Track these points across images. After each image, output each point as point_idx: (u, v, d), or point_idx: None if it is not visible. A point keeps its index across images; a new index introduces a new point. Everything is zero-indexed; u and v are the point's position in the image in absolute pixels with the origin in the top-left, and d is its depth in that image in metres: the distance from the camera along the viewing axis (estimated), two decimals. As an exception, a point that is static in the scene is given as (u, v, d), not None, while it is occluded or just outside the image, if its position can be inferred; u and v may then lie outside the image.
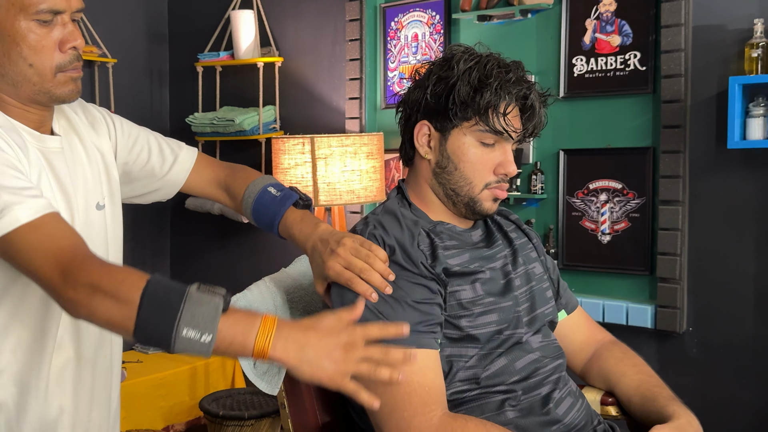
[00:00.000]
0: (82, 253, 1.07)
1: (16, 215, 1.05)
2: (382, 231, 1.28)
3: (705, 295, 2.38)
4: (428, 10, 2.90)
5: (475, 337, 1.26)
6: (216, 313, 0.99)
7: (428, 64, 1.41)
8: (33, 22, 1.15)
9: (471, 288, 1.28)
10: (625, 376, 1.45)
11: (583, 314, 1.58)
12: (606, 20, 2.52)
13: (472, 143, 1.32)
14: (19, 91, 1.20)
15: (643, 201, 2.47)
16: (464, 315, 1.26)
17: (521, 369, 1.30)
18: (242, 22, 3.17)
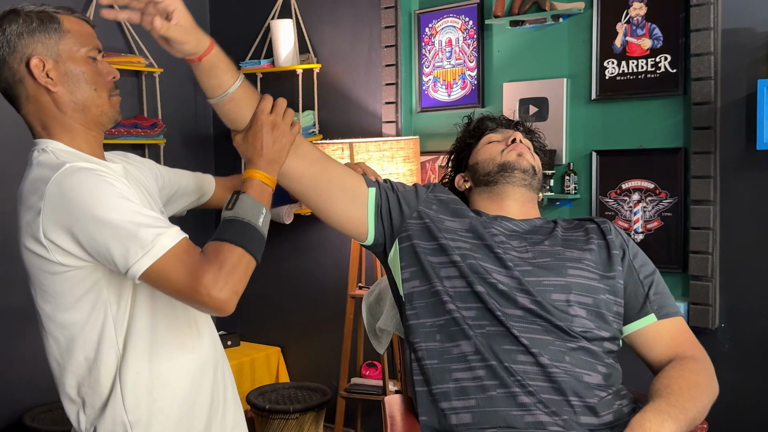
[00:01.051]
0: (203, 258, 1.28)
1: (163, 243, 1.25)
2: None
3: (736, 291, 2.43)
4: (461, 15, 2.98)
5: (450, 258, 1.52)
6: (259, 210, 1.35)
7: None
8: (88, 59, 1.40)
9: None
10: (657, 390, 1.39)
11: (676, 326, 1.54)
12: (636, 24, 2.58)
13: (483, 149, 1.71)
14: (87, 116, 1.40)
15: (675, 200, 2.53)
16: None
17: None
18: (282, 31, 3.28)
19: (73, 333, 1.37)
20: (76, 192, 1.26)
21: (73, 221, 1.26)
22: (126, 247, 1.24)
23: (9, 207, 2.92)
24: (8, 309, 2.97)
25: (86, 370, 1.37)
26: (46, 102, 1.38)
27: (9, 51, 1.36)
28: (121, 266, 1.25)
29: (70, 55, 1.38)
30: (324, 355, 3.42)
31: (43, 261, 1.31)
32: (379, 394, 2.95)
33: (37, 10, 1.38)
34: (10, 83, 1.38)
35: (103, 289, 1.34)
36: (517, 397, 1.38)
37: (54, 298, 1.35)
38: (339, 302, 3.19)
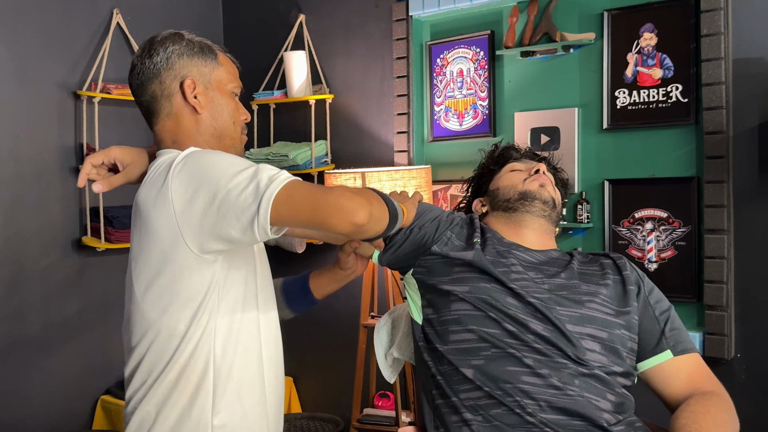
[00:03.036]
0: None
1: (285, 175, 1.27)
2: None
3: (752, 321, 2.41)
4: (473, 46, 3.00)
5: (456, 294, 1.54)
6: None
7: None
8: (232, 94, 1.50)
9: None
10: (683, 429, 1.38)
11: (693, 362, 1.54)
12: (647, 54, 2.59)
13: (505, 176, 1.76)
14: (220, 144, 1.48)
15: (689, 229, 2.52)
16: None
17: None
18: (295, 62, 3.32)
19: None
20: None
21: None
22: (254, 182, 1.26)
23: (22, 241, 2.96)
24: (22, 339, 2.99)
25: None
26: (187, 121, 1.45)
27: (166, 67, 1.43)
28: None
29: (220, 86, 1.47)
30: (336, 385, 3.40)
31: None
32: (391, 424, 2.93)
33: (198, 39, 1.49)
34: (157, 96, 1.45)
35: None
36: (524, 417, 1.38)
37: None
38: (351, 332, 3.18)
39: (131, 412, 1.39)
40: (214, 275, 1.33)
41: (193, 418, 1.34)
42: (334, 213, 1.23)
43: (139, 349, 1.37)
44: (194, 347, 1.34)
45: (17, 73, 2.97)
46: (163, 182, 1.31)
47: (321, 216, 1.24)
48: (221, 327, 1.35)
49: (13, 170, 2.96)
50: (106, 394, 3.25)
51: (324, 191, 1.25)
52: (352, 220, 1.23)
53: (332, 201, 1.23)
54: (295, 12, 3.50)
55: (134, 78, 1.48)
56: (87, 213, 3.18)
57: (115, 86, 3.20)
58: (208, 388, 1.35)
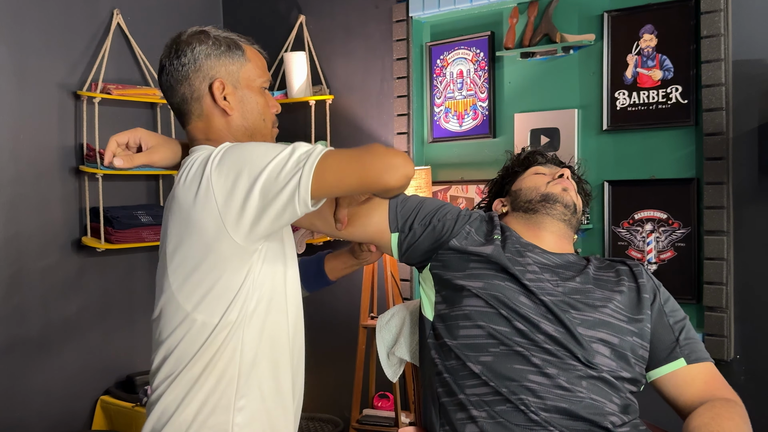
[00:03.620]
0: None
1: (321, 147, 1.28)
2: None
3: (752, 322, 2.41)
4: (473, 47, 3.01)
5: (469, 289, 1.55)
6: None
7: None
8: (261, 89, 1.49)
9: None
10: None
11: (708, 371, 1.54)
12: (647, 55, 2.60)
13: (528, 178, 1.76)
14: (252, 140, 1.48)
15: (689, 231, 2.52)
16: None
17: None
18: (295, 63, 3.33)
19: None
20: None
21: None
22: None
23: (22, 241, 2.96)
24: (21, 339, 2.99)
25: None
26: (218, 122, 1.45)
27: (194, 69, 1.43)
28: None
29: (248, 83, 1.46)
30: (336, 386, 3.40)
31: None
32: (391, 425, 2.93)
33: (224, 35, 1.47)
34: (187, 99, 1.45)
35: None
36: (528, 414, 1.38)
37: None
38: (351, 332, 3.19)
39: (156, 400, 1.40)
40: (251, 267, 1.35)
41: (217, 402, 1.37)
42: (386, 170, 1.26)
43: (171, 340, 1.38)
44: (225, 338, 1.36)
45: (17, 73, 2.97)
46: (201, 178, 1.32)
47: (374, 175, 1.26)
48: (253, 319, 1.38)
49: (13, 170, 2.96)
50: (106, 394, 3.25)
51: (364, 153, 1.28)
52: (405, 173, 1.28)
53: (380, 160, 1.27)
54: (295, 13, 3.50)
55: (164, 80, 1.48)
56: (87, 213, 3.18)
57: (116, 86, 3.20)
58: (234, 375, 1.37)
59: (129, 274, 3.35)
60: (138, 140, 1.52)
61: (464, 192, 3.03)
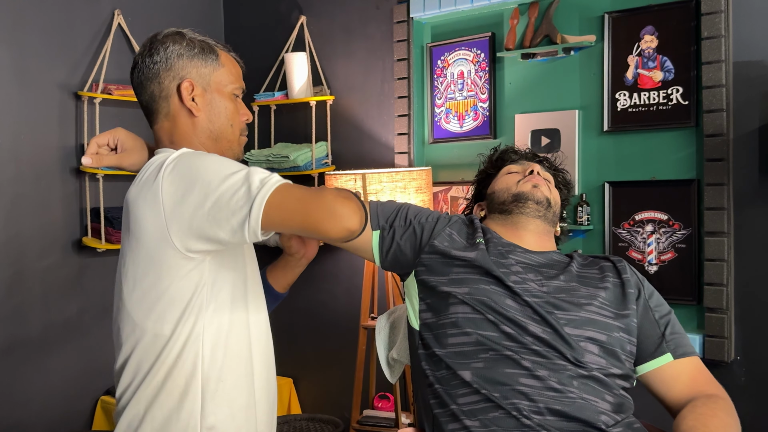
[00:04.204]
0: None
1: (276, 178, 1.27)
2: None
3: (752, 324, 2.41)
4: (473, 48, 3.01)
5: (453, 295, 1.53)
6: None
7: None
8: (232, 96, 1.49)
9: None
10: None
11: (694, 365, 1.54)
12: (648, 56, 2.60)
13: (501, 179, 1.75)
14: (216, 146, 1.48)
15: (689, 232, 2.52)
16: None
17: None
18: (295, 64, 3.33)
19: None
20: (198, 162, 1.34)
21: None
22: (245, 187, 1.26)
23: (23, 241, 2.96)
24: (22, 340, 2.99)
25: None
26: (184, 123, 1.45)
27: (165, 67, 1.43)
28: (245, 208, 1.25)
29: (218, 88, 1.47)
30: (336, 387, 3.41)
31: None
32: (391, 426, 2.93)
33: (200, 38, 1.48)
34: (156, 97, 1.45)
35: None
36: (520, 419, 1.38)
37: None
38: (351, 333, 3.19)
39: (120, 412, 1.39)
40: (202, 276, 1.33)
41: (182, 420, 1.34)
42: (327, 218, 1.23)
43: (126, 347, 1.37)
44: (181, 349, 1.33)
45: (18, 74, 2.97)
46: (153, 181, 1.32)
47: (314, 221, 1.24)
48: (209, 329, 1.35)
49: (13, 170, 2.96)
50: (106, 394, 3.25)
51: (316, 196, 1.25)
52: (346, 225, 1.24)
53: (326, 206, 1.24)
54: (296, 13, 3.50)
55: (135, 76, 1.48)
56: (87, 213, 3.18)
57: (116, 87, 3.21)
58: (197, 390, 1.34)
59: (129, 275, 3.34)
60: (116, 141, 1.52)
61: (465, 193, 3.03)
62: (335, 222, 1.23)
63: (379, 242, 1.64)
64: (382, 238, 1.63)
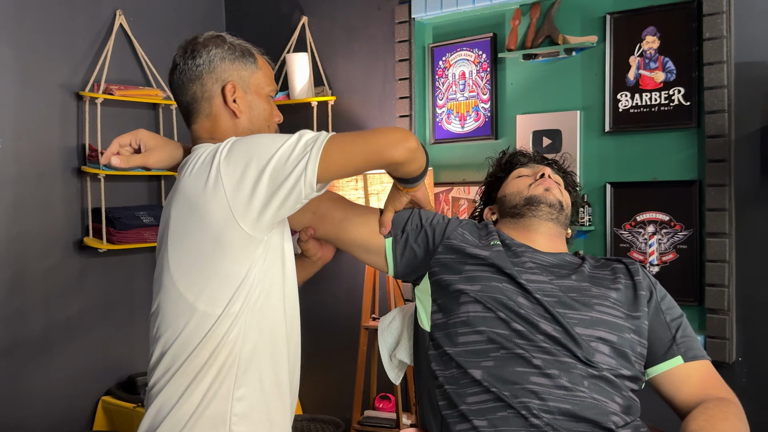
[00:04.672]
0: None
1: (326, 134, 1.36)
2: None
3: (754, 325, 2.41)
4: (475, 49, 3.01)
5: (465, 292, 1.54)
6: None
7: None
8: (268, 97, 1.55)
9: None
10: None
11: (704, 369, 1.53)
12: (649, 57, 2.60)
13: (511, 182, 1.75)
14: None
15: (691, 233, 2.52)
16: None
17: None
18: (297, 64, 3.33)
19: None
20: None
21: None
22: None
23: (24, 242, 2.96)
24: (23, 340, 2.99)
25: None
26: (225, 124, 1.49)
27: (208, 70, 1.48)
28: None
29: (257, 90, 1.52)
30: (337, 387, 3.40)
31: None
32: (392, 427, 2.93)
33: (239, 42, 1.53)
34: (197, 98, 1.49)
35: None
36: (528, 419, 1.38)
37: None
38: (352, 334, 3.19)
39: (156, 394, 1.41)
40: (255, 259, 1.38)
41: (219, 394, 1.38)
42: (389, 144, 1.36)
43: (170, 332, 1.40)
44: (227, 328, 1.37)
45: (20, 74, 2.98)
46: (210, 168, 1.36)
47: (377, 149, 1.36)
48: (254, 310, 1.40)
49: (15, 171, 2.96)
50: (107, 394, 3.25)
51: (367, 132, 1.39)
52: (407, 145, 1.37)
53: (383, 135, 1.37)
54: (297, 14, 3.50)
55: (176, 77, 1.51)
56: (89, 214, 3.18)
57: (118, 87, 3.21)
58: (233, 364, 1.39)
59: (130, 275, 3.35)
60: (138, 141, 1.55)
61: (466, 193, 3.03)
62: (397, 144, 1.36)
63: (392, 248, 1.64)
64: (395, 243, 1.64)
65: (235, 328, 1.38)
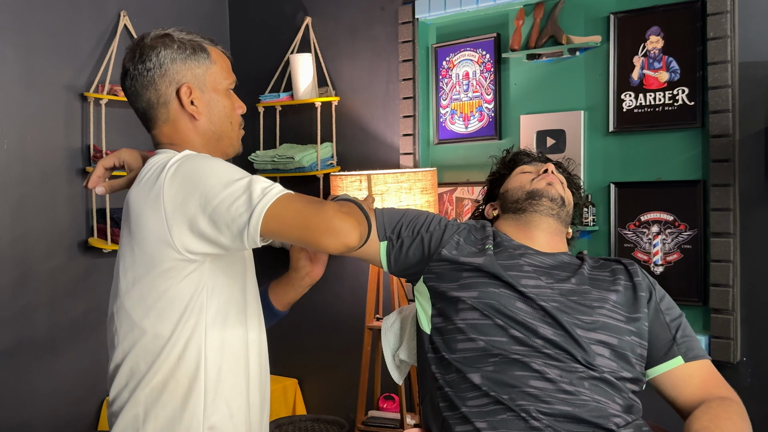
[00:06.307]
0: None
1: (278, 189, 1.28)
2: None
3: (758, 325, 2.40)
4: (478, 49, 3.01)
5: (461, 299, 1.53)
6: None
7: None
8: (228, 91, 1.48)
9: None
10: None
11: (705, 368, 1.54)
12: (653, 57, 2.59)
13: (514, 178, 1.76)
14: (218, 146, 1.48)
15: (695, 233, 2.51)
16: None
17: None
18: (301, 65, 3.33)
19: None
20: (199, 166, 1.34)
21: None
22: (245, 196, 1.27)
23: (29, 242, 2.97)
24: (28, 340, 3.00)
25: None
26: (185, 127, 1.44)
27: (160, 74, 1.41)
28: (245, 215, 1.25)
29: (214, 86, 1.45)
30: (341, 388, 3.41)
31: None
32: (396, 427, 2.93)
33: (189, 38, 1.44)
34: (153, 104, 1.44)
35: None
36: (528, 421, 1.38)
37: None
38: (356, 334, 3.19)
39: (117, 412, 1.38)
40: (202, 278, 1.34)
41: (185, 420, 1.34)
42: (326, 234, 1.24)
43: (123, 347, 1.37)
44: (182, 349, 1.34)
45: (24, 75, 2.99)
46: (155, 182, 1.31)
47: (313, 235, 1.25)
48: (211, 330, 1.36)
49: (20, 172, 2.97)
50: (112, 395, 3.25)
51: (316, 210, 1.25)
52: (345, 242, 1.25)
53: (325, 222, 1.24)
54: (301, 15, 3.51)
55: (128, 84, 1.45)
56: (93, 214, 3.19)
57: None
58: (200, 390, 1.35)
59: (135, 275, 3.35)
60: (121, 162, 1.51)
61: (470, 194, 3.03)
62: (333, 238, 1.24)
63: (386, 252, 1.65)
64: (390, 248, 1.64)
65: (193, 351, 1.34)
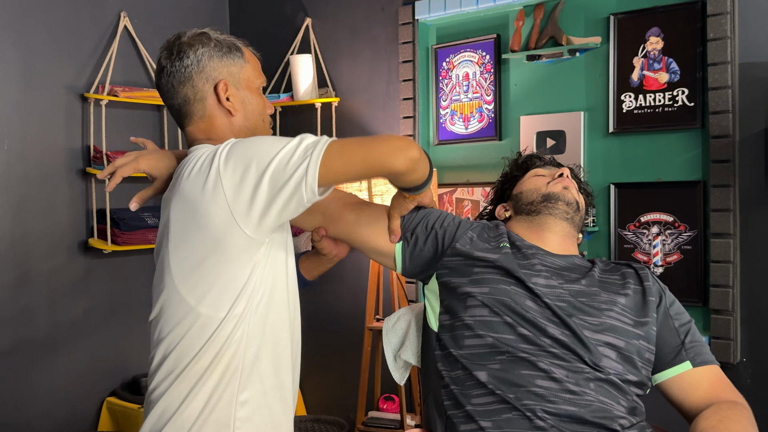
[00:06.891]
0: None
1: (328, 137, 1.34)
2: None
3: (759, 326, 2.40)
4: (478, 50, 3.01)
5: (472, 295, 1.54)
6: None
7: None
8: (259, 90, 1.53)
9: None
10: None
11: (714, 374, 1.54)
12: (653, 58, 2.59)
13: (528, 180, 1.75)
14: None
15: (695, 233, 2.52)
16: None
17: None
18: (301, 66, 3.33)
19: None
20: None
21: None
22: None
23: (29, 243, 2.97)
24: (28, 340, 3.00)
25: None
26: (221, 122, 1.47)
27: (197, 70, 1.44)
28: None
29: (248, 84, 1.50)
30: (341, 388, 3.41)
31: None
32: (396, 427, 2.93)
33: (224, 37, 1.50)
34: (190, 100, 1.46)
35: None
36: (533, 421, 1.38)
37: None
38: (356, 334, 3.19)
39: (157, 399, 1.40)
40: (258, 261, 1.37)
41: (222, 396, 1.37)
42: (390, 152, 1.32)
43: (172, 336, 1.39)
44: (231, 331, 1.36)
45: (25, 76, 2.99)
46: (209, 171, 1.33)
47: (378, 159, 1.32)
48: (257, 313, 1.39)
49: (20, 172, 2.97)
50: (112, 395, 3.26)
51: (371, 138, 1.35)
52: (409, 155, 1.32)
53: (384, 143, 1.33)
54: (301, 15, 3.51)
55: (163, 81, 1.47)
56: (93, 215, 3.19)
57: (123, 89, 3.22)
58: (237, 368, 1.38)
59: (135, 276, 3.35)
60: (140, 170, 1.52)
61: (470, 194, 3.03)
62: (398, 153, 1.32)
63: (401, 251, 1.65)
64: (405, 246, 1.64)
65: (238, 331, 1.37)
